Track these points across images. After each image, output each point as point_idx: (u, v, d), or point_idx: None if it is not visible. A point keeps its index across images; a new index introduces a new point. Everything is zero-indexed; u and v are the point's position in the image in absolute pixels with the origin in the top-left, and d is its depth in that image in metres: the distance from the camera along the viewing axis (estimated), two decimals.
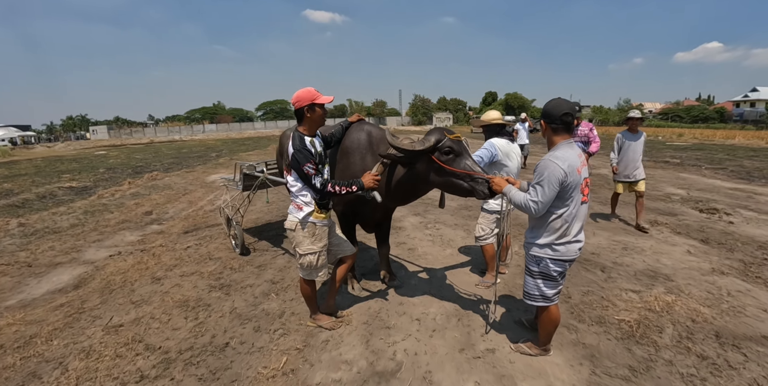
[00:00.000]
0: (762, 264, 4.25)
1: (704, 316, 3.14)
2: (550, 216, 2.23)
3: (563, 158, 2.14)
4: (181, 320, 3.23)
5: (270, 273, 4.16)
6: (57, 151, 34.33)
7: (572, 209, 2.21)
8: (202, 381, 2.46)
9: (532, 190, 2.19)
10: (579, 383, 2.36)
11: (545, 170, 2.14)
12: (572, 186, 2.15)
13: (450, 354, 2.65)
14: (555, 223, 2.23)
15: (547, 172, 2.12)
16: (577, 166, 2.16)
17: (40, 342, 3.00)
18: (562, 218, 2.21)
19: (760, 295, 3.53)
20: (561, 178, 2.10)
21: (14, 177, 14.25)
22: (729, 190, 8.45)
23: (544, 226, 2.27)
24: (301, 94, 2.53)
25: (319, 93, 2.54)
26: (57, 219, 7.21)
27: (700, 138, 28.53)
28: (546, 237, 2.27)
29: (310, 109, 2.53)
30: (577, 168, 2.16)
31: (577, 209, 2.24)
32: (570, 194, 2.17)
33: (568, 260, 2.29)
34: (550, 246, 2.27)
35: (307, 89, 2.54)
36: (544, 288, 2.36)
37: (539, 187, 2.15)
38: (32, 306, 3.68)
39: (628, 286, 3.67)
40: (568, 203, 2.19)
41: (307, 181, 2.52)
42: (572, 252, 2.27)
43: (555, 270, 2.31)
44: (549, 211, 2.23)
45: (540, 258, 2.32)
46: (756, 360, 2.60)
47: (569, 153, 2.19)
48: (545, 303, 2.39)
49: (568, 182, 2.13)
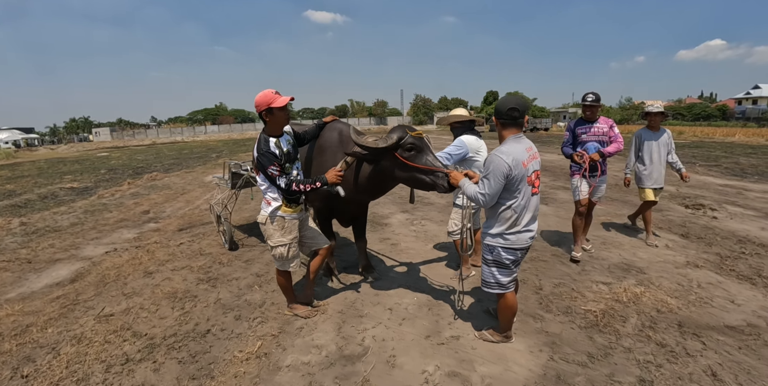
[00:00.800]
0: (738, 257, 4.35)
1: (670, 307, 3.26)
2: (500, 208, 2.38)
3: (508, 152, 2.28)
4: (169, 310, 3.40)
5: (257, 267, 4.32)
6: (60, 152, 34.74)
7: (521, 201, 2.35)
8: (182, 363, 2.62)
9: (480, 183, 2.34)
10: (536, 368, 2.50)
11: (491, 164, 2.28)
12: (518, 178, 2.29)
13: (416, 340, 2.79)
14: (505, 214, 2.37)
15: (493, 166, 2.27)
16: (523, 160, 2.30)
17: (35, 330, 3.17)
18: (511, 209, 2.35)
19: (731, 287, 3.64)
20: (506, 172, 2.24)
21: (17, 178, 14.52)
22: (719, 186, 8.53)
23: (495, 217, 2.42)
24: (259, 99, 2.64)
25: (278, 95, 2.65)
26: (57, 219, 7.42)
27: (700, 136, 28.46)
28: (498, 227, 2.41)
29: (268, 113, 2.66)
30: (523, 161, 2.30)
31: (527, 200, 2.38)
32: (517, 186, 2.31)
33: (519, 249, 2.44)
34: (502, 236, 2.41)
35: (264, 93, 2.65)
36: (499, 275, 2.50)
37: (486, 180, 2.30)
38: (31, 298, 3.85)
39: (600, 279, 3.80)
40: (516, 195, 2.33)
41: (272, 182, 2.68)
42: (523, 241, 2.41)
43: (507, 258, 2.45)
44: (499, 203, 2.37)
45: (493, 247, 2.46)
46: (714, 348, 2.70)
47: (515, 147, 2.33)
48: (501, 291, 2.53)
49: (514, 175, 2.27)
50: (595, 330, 2.93)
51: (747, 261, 4.24)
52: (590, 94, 4.17)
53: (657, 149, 4.62)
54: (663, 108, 4.66)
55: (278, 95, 2.66)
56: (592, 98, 4.15)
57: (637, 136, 4.73)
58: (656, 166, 4.65)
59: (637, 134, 4.75)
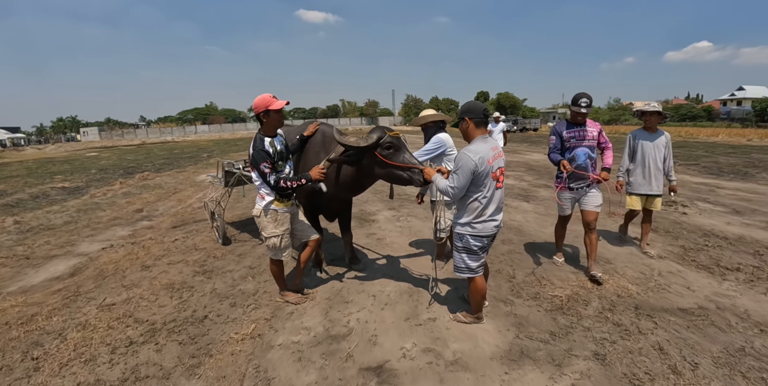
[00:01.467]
0: (701, 249, 4.68)
1: (630, 292, 3.57)
2: (468, 200, 2.68)
3: (476, 151, 2.57)
4: (167, 299, 3.63)
5: (249, 260, 4.56)
6: (48, 152, 34.42)
7: (486, 193, 2.65)
8: (182, 345, 2.87)
9: (450, 178, 2.63)
10: (502, 344, 2.78)
11: (460, 161, 2.57)
12: (484, 174, 2.59)
13: (396, 322, 3.07)
14: (473, 205, 2.67)
15: (462, 163, 2.56)
16: (488, 158, 2.59)
17: (41, 319, 3.38)
18: (477, 201, 2.66)
19: (689, 275, 3.96)
20: (473, 168, 2.54)
21: (6, 178, 14.52)
22: (694, 184, 8.92)
23: (464, 208, 2.71)
24: (258, 102, 2.93)
25: (275, 99, 2.94)
26: (51, 217, 7.56)
27: (684, 136, 29.11)
28: (466, 217, 2.71)
29: (265, 115, 2.96)
30: (488, 159, 2.59)
31: (492, 193, 2.67)
32: (483, 181, 2.61)
33: (485, 236, 2.73)
34: (470, 225, 2.71)
35: (263, 96, 2.94)
36: (469, 261, 2.79)
37: (455, 176, 2.59)
38: (32, 291, 4.05)
39: (569, 268, 4.10)
40: (482, 188, 2.63)
41: (264, 178, 2.97)
42: (488, 229, 2.72)
43: (475, 244, 2.74)
44: (467, 195, 2.67)
45: (462, 235, 2.75)
46: (665, 327, 3.01)
47: (482, 146, 2.63)
48: (471, 275, 2.83)
49: (480, 171, 2.56)
50: (559, 312, 3.22)
51: (708, 252, 4.57)
52: (584, 99, 3.67)
53: (652, 152, 4.24)
54: (660, 107, 4.23)
55: (275, 99, 2.95)
56: (587, 102, 3.66)
57: (632, 136, 4.37)
58: (649, 171, 4.27)
59: (632, 134, 4.38)
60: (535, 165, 12.90)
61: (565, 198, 4.04)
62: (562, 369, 2.51)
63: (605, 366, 2.53)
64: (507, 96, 64.05)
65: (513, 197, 7.77)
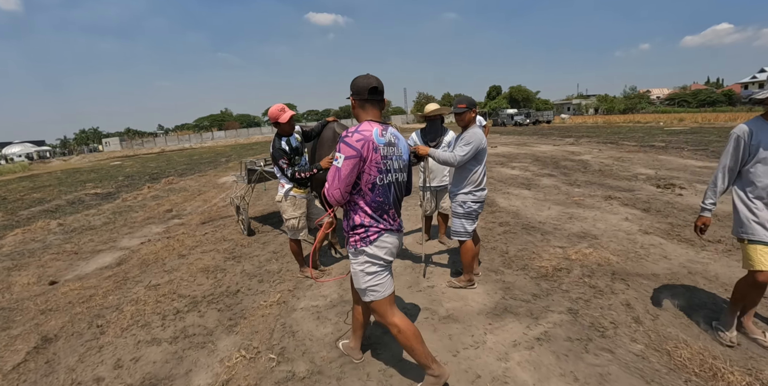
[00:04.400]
0: (688, 225, 5.01)
1: (610, 262, 3.98)
2: (470, 173, 3.27)
3: (481, 133, 3.24)
4: (204, 279, 4.21)
5: (272, 246, 5.14)
6: (73, 163, 36.00)
7: (482, 168, 3.30)
8: (220, 311, 3.43)
9: (461, 149, 3.16)
10: (489, 303, 3.25)
11: (473, 137, 3.17)
12: (484, 151, 3.26)
13: (400, 289, 3.57)
14: (473, 177, 3.28)
15: (474, 139, 3.16)
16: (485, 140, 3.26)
17: (98, 298, 3.99)
18: (477, 173, 3.28)
19: (669, 247, 4.33)
20: (480, 144, 3.18)
21: (40, 188, 15.52)
22: (698, 168, 9.15)
23: (466, 180, 3.29)
24: (270, 113, 3.57)
25: (283, 112, 3.54)
26: (90, 219, 8.29)
27: (701, 122, 28.77)
28: (468, 187, 3.30)
29: (276, 125, 3.59)
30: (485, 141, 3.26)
31: (485, 168, 3.33)
32: (482, 156, 3.27)
33: (481, 202, 3.35)
34: (471, 193, 3.30)
35: (274, 109, 3.56)
36: (467, 225, 3.35)
37: (467, 147, 3.14)
38: (87, 278, 4.68)
39: (558, 244, 4.53)
40: (481, 162, 3.28)
41: (282, 172, 3.58)
42: (483, 196, 3.35)
43: (475, 210, 3.34)
44: (469, 169, 3.26)
45: (465, 202, 3.31)
46: (635, 288, 3.43)
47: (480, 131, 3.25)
48: (467, 238, 3.37)
49: (482, 147, 3.22)
50: (543, 279, 3.67)
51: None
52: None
53: None
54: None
55: (283, 112, 3.54)
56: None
57: (748, 132, 2.35)
58: None
59: (747, 130, 2.36)
60: (541, 156, 13.21)
61: None
62: (538, 321, 2.97)
63: (576, 318, 2.98)
64: (519, 89, 63.75)
65: (515, 186, 8.18)
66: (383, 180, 2.07)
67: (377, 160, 2.02)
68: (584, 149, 14.79)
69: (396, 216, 2.20)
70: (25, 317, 3.73)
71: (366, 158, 1.99)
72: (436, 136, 4.20)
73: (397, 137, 2.16)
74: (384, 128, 2.08)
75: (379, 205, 2.09)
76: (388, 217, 2.13)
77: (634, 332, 2.78)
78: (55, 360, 2.95)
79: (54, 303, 3.98)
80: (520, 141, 20.61)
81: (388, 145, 2.07)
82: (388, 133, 2.09)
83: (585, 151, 14.21)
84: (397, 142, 2.13)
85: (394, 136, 2.13)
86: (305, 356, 2.70)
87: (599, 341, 2.69)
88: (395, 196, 2.16)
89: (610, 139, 18.80)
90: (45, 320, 3.61)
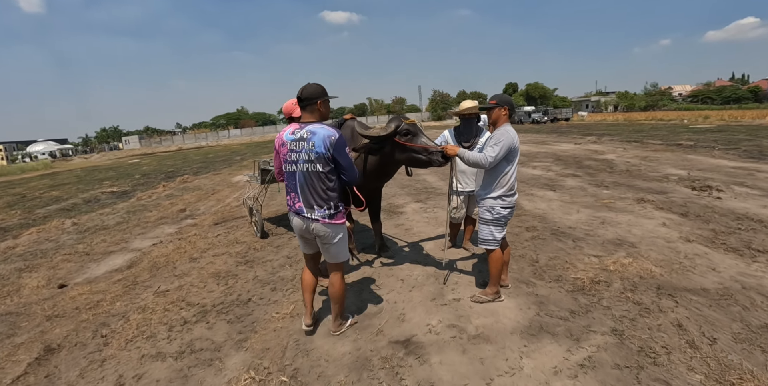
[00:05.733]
0: (732, 232, 4.63)
1: (653, 274, 3.63)
2: (500, 175, 2.98)
3: (513, 131, 2.98)
4: (215, 285, 3.99)
5: (286, 251, 4.90)
6: (93, 161, 36.59)
7: (514, 168, 3.01)
8: (230, 323, 3.20)
9: (491, 149, 2.89)
10: (523, 320, 2.95)
11: (503, 136, 2.91)
12: (516, 151, 2.97)
13: (423, 302, 3.29)
14: (503, 179, 2.99)
15: (504, 138, 2.91)
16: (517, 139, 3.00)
17: (105, 304, 3.81)
18: (509, 175, 3.00)
19: (716, 257, 3.96)
20: (511, 144, 2.92)
21: (59, 186, 15.66)
22: (731, 168, 8.65)
23: (495, 183, 3.01)
24: (285, 108, 3.55)
25: (297, 106, 3.33)
26: (104, 219, 8.21)
27: (727, 119, 27.77)
28: (498, 191, 3.01)
29: (290, 120, 3.39)
30: (517, 140, 3.00)
31: (516, 169, 3.04)
32: (514, 156, 2.98)
33: (511, 207, 3.06)
34: (501, 198, 3.01)
35: (289, 103, 3.48)
36: (496, 232, 3.06)
37: (496, 147, 2.88)
38: (96, 281, 4.52)
39: (593, 252, 4.19)
40: (513, 163, 3.00)
41: None
42: (514, 201, 3.07)
43: (505, 216, 3.05)
44: (500, 171, 2.98)
45: (493, 207, 3.02)
46: (685, 305, 3.09)
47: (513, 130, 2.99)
48: (495, 246, 3.09)
49: (515, 147, 2.95)
50: (580, 293, 3.35)
51: (740, 235, 4.52)
52: None
53: None
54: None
55: (297, 107, 3.32)
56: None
57: None
58: None
59: None
60: (562, 155, 12.76)
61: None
62: (580, 343, 2.66)
63: (622, 341, 2.66)
64: (536, 86, 62.61)
65: (539, 187, 7.81)
66: (287, 168, 2.64)
67: (284, 153, 2.60)
68: (607, 148, 14.27)
69: (297, 200, 2.62)
70: (31, 323, 3.57)
71: (278, 151, 2.66)
72: (471, 136, 3.89)
73: (313, 133, 2.51)
74: (300, 127, 2.58)
75: (287, 188, 2.68)
76: (290, 199, 2.67)
77: (690, 359, 2.45)
78: (56, 374, 2.77)
79: (61, 308, 3.82)
80: (538, 139, 20.09)
81: (299, 140, 2.54)
82: (303, 130, 2.55)
83: (608, 149, 13.70)
84: (310, 137, 2.51)
85: (310, 133, 2.52)
86: (320, 380, 2.44)
87: (651, 370, 2.37)
88: (303, 183, 2.57)
89: (633, 137, 18.17)
90: (50, 327, 3.44)
